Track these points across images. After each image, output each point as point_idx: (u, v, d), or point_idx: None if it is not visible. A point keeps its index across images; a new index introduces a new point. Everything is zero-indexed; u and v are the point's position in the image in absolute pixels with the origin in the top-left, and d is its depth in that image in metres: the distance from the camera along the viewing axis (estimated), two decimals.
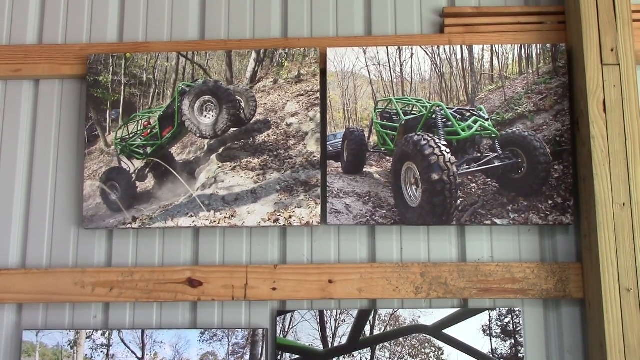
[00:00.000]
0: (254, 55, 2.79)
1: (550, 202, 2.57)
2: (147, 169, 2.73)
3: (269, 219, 2.60)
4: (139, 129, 2.76)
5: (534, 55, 2.73)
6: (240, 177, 2.68)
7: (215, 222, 2.60)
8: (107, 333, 2.60)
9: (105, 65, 2.79)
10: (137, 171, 2.73)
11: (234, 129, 2.74)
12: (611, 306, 2.30)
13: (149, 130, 2.76)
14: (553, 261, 2.63)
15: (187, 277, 2.60)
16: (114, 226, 2.65)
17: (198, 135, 2.75)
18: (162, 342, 2.59)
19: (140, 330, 2.61)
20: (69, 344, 2.64)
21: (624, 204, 2.37)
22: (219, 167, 2.70)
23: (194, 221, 2.62)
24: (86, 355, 2.60)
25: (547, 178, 2.59)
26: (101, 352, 2.61)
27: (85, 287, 2.60)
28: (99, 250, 2.73)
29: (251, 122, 2.74)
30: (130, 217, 2.66)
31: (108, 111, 2.77)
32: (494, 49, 2.75)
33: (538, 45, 2.73)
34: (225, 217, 2.61)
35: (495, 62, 2.74)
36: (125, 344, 2.59)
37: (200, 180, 2.69)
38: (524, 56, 2.73)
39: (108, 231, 2.73)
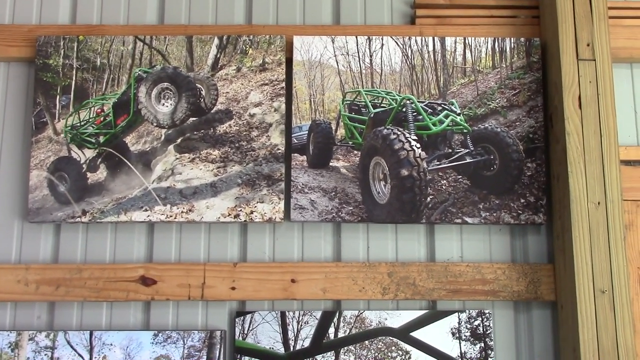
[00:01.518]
0: (216, 41, 2.74)
1: (522, 200, 2.57)
2: (99, 159, 2.66)
3: (229, 214, 2.55)
4: (91, 116, 2.68)
5: (508, 49, 2.73)
6: (200, 170, 2.63)
7: (171, 216, 2.55)
8: (51, 334, 2.48)
9: (56, 47, 2.70)
10: (88, 161, 2.65)
11: (194, 119, 2.69)
12: (585, 308, 2.28)
13: (102, 118, 2.68)
14: (524, 262, 2.62)
15: (140, 275, 2.53)
16: (61, 220, 2.55)
17: (155, 124, 2.69)
18: (111, 345, 2.49)
19: (88, 332, 2.51)
20: (10, 346, 2.50)
21: (599, 203, 2.36)
22: (177, 158, 2.65)
23: (148, 215, 2.56)
24: (28, 358, 2.45)
25: (519, 176, 2.59)
26: (45, 354, 2.48)
27: (29, 285, 2.50)
28: (45, 246, 2.63)
29: (212, 111, 2.69)
30: (80, 210, 2.58)
31: (58, 97, 2.67)
32: (466, 41, 2.75)
33: (512, 39, 2.73)
34: (182, 212, 2.56)
35: (468, 55, 2.75)
36: (71, 346, 2.48)
37: (157, 172, 2.64)
38: (497, 50, 2.74)
39: (55, 225, 2.63)
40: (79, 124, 2.68)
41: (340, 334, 2.54)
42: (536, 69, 2.69)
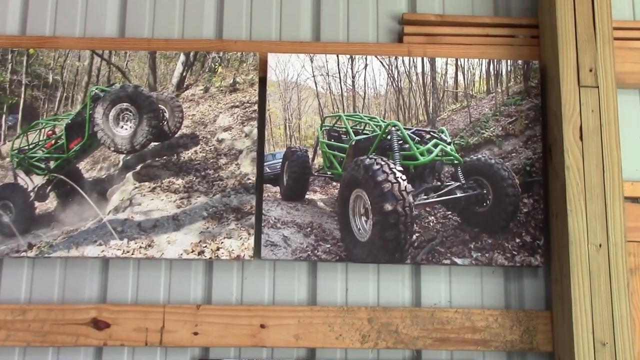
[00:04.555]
0: (182, 58, 2.72)
1: (517, 240, 2.54)
2: (49, 187, 2.60)
3: (193, 251, 2.51)
4: (41, 138, 2.63)
5: (504, 73, 2.71)
6: (161, 200, 2.59)
7: (128, 252, 2.50)
8: None
9: (3, 61, 2.67)
10: (36, 189, 2.59)
11: (155, 144, 2.66)
12: None
13: (53, 141, 2.64)
14: (519, 308, 2.58)
15: (91, 317, 2.46)
16: (4, 254, 2.49)
17: (112, 149, 2.65)
18: None
19: None
20: None
21: (600, 245, 2.32)
22: (136, 187, 2.61)
23: (103, 250, 2.50)
24: None
25: (515, 213, 2.56)
26: None
27: None
28: None
29: (176, 135, 2.66)
30: (26, 243, 2.52)
31: (4, 116, 2.63)
32: (459, 63, 2.73)
33: (508, 61, 2.71)
34: (140, 247, 2.51)
35: (460, 77, 2.72)
36: None
37: (113, 203, 2.59)
38: (492, 73, 2.71)
39: None
40: (27, 147, 2.62)
41: None
42: (535, 95, 2.67)
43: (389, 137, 2.62)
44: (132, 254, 2.50)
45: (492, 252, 2.53)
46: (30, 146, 2.61)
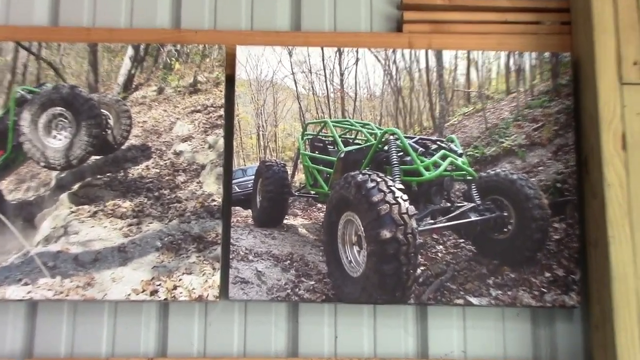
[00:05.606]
0: (130, 51, 2.59)
1: (547, 274, 2.38)
2: None
3: (144, 290, 2.36)
4: None
5: (527, 68, 2.57)
6: (104, 228, 2.45)
7: (62, 293, 2.34)
8: None
9: None
10: None
11: (97, 157, 2.53)
12: None
13: None
14: (551, 359, 2.43)
15: None
16: None
17: (43, 164, 2.52)
18: None
19: None
20: None
21: None
22: (72, 212, 2.47)
23: (29, 291, 2.34)
24: None
25: (543, 240, 2.42)
26: None
27: None
28: None
29: (122, 147, 2.55)
30: None
31: None
32: (471, 56, 2.59)
33: (533, 53, 2.57)
34: (77, 287, 2.35)
35: (473, 74, 2.59)
36: None
37: (43, 231, 2.44)
38: (512, 68, 2.58)
39: None
40: None
41: None
42: (565, 95, 2.52)
43: (385, 147, 2.53)
44: (67, 296, 2.34)
45: (516, 289, 2.38)
46: None
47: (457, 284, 2.39)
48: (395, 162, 2.47)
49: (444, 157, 2.48)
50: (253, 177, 2.55)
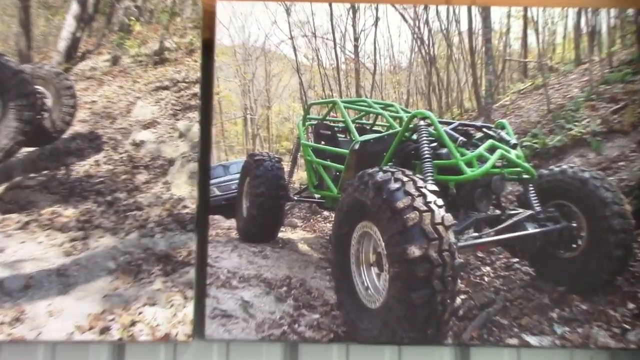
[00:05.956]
0: (74, 7, 2.32)
1: (631, 305, 2.14)
2: None
3: (92, 328, 2.06)
4: None
5: (604, 30, 2.36)
6: (38, 244, 2.19)
7: None
8: None
9: None
10: None
11: (30, 149, 2.32)
12: None
13: None
14: None
15: None
16: None
17: None
18: None
19: None
20: None
21: None
22: None
23: None
24: None
25: (625, 259, 2.16)
26: None
27: None
28: None
29: (64, 136, 2.32)
30: None
31: None
32: (529, 14, 2.38)
33: (611, 10, 2.36)
34: (2, 323, 2.06)
35: (532, 39, 2.39)
36: None
37: None
38: (584, 30, 2.37)
39: None
40: None
41: None
42: None
43: (414, 136, 2.29)
44: None
45: (589, 324, 2.12)
46: None
47: (509, 317, 2.18)
48: (427, 156, 2.19)
49: (492, 149, 2.21)
50: (238, 175, 2.42)
